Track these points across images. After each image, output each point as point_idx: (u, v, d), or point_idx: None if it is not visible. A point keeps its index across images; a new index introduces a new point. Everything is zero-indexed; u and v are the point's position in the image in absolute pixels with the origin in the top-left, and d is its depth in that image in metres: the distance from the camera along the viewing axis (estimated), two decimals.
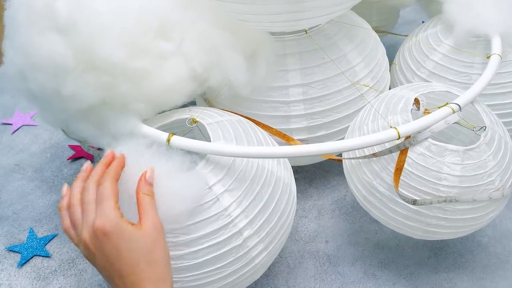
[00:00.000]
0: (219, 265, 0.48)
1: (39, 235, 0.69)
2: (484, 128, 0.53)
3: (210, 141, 0.50)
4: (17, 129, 0.89)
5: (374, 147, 0.54)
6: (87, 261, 0.46)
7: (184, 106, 0.56)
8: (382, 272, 0.63)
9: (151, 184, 0.44)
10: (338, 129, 0.66)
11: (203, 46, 0.55)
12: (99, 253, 0.42)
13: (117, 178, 0.44)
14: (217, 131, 0.51)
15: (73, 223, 0.44)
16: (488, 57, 0.61)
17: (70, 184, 0.44)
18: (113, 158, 0.46)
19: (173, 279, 0.45)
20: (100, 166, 0.46)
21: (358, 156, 0.56)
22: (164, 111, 0.55)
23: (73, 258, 0.66)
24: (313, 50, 0.63)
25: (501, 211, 0.56)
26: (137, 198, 0.43)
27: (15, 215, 0.73)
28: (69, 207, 0.45)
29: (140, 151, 0.48)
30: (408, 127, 0.50)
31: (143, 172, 0.45)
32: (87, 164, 0.48)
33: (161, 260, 0.42)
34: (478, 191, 0.51)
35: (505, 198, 0.54)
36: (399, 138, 0.49)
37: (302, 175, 0.76)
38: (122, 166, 0.46)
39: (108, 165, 0.46)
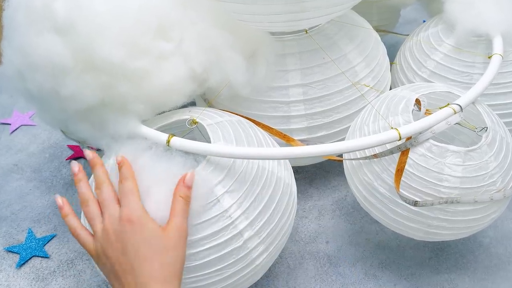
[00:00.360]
0: (219, 267, 0.48)
1: (38, 235, 0.69)
2: (485, 129, 0.53)
3: (210, 141, 0.49)
4: (16, 129, 0.89)
5: (375, 148, 0.53)
6: (95, 260, 0.46)
7: (184, 106, 0.56)
8: (383, 272, 0.62)
9: (189, 188, 0.45)
10: (338, 129, 0.65)
11: (203, 46, 0.55)
12: (118, 242, 0.43)
13: (134, 176, 0.46)
14: (217, 132, 0.50)
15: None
16: (490, 57, 0.61)
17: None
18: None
19: None
20: (100, 168, 0.47)
21: (359, 156, 0.56)
22: (164, 112, 0.54)
23: (72, 258, 0.66)
24: (313, 50, 0.63)
25: (502, 212, 0.56)
26: (173, 200, 0.45)
27: (14, 215, 0.73)
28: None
29: (140, 152, 0.48)
30: (409, 128, 0.49)
31: (183, 174, 0.45)
32: (76, 164, 0.48)
33: (175, 264, 0.43)
34: (480, 192, 0.51)
35: (507, 199, 0.54)
36: (400, 139, 0.49)
37: (302, 175, 0.76)
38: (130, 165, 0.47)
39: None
